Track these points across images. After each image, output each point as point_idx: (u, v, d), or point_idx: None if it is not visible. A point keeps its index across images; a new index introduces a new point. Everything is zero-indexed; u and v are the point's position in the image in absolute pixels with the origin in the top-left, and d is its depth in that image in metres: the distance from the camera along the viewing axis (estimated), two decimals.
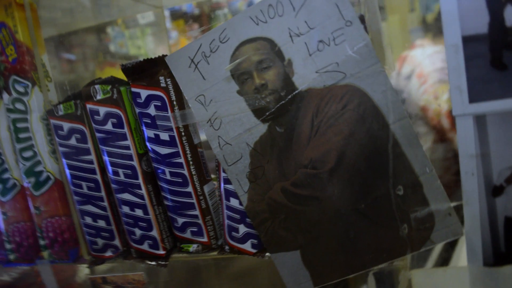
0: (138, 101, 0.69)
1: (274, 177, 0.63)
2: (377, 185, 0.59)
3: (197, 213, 0.70)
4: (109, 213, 0.76)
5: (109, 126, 0.71)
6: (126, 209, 0.72)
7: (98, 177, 0.74)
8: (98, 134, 0.72)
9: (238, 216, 0.68)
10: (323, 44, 0.58)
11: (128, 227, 0.74)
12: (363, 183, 0.59)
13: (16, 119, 0.77)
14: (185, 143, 0.68)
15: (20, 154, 0.77)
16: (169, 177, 0.69)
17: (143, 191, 0.71)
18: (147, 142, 0.70)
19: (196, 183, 0.69)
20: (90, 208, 0.75)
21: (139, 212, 0.72)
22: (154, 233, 0.72)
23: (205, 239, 0.71)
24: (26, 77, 0.76)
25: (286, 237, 0.64)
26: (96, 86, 0.70)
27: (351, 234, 0.61)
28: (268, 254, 0.67)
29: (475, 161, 0.56)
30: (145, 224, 0.72)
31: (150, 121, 0.68)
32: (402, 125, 0.57)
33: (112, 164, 0.72)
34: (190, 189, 0.69)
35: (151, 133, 0.69)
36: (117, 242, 0.77)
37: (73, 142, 0.74)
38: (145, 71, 0.68)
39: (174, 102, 0.67)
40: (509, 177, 0.56)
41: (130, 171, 0.71)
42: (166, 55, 0.66)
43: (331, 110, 0.59)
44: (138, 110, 0.69)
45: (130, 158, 0.71)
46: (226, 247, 0.70)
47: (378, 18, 0.60)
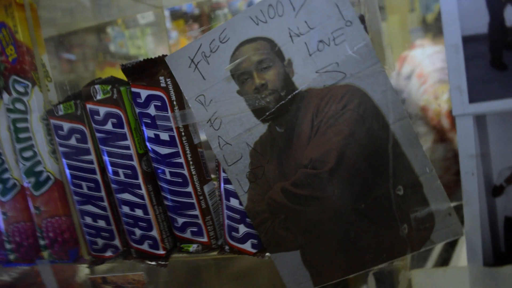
0: (138, 101, 0.69)
1: (274, 177, 0.63)
2: (377, 185, 0.59)
3: (197, 213, 0.70)
4: (109, 213, 0.76)
5: (109, 126, 0.71)
6: (126, 209, 0.72)
7: (98, 177, 0.74)
8: (98, 134, 0.72)
9: (238, 216, 0.68)
10: (323, 44, 0.58)
11: (128, 227, 0.74)
12: (363, 183, 0.59)
13: (16, 119, 0.77)
14: (185, 143, 0.68)
15: (20, 154, 0.77)
16: (169, 177, 0.69)
17: (143, 191, 0.71)
18: (147, 142, 0.70)
19: (196, 183, 0.69)
20: (90, 208, 0.75)
21: (139, 212, 0.72)
22: (154, 233, 0.72)
23: (205, 239, 0.71)
24: (26, 77, 0.76)
25: (286, 237, 0.64)
26: (96, 86, 0.70)
27: (351, 234, 0.61)
28: (268, 254, 0.67)
29: (475, 161, 0.56)
30: (145, 224, 0.72)
31: (150, 121, 0.68)
32: (402, 125, 0.57)
33: (112, 164, 0.72)
34: (190, 189, 0.69)
35: (151, 133, 0.69)
36: (117, 242, 0.77)
37: (73, 142, 0.74)
38: (145, 71, 0.68)
39: (174, 102, 0.67)
40: (509, 177, 0.56)
41: (130, 171, 0.71)
42: (166, 55, 0.66)
43: (331, 110, 0.59)
44: (138, 110, 0.69)
45: (130, 158, 0.71)
46: (226, 247, 0.70)
47: (378, 18, 0.60)
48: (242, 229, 0.68)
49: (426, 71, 1.49)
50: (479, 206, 0.56)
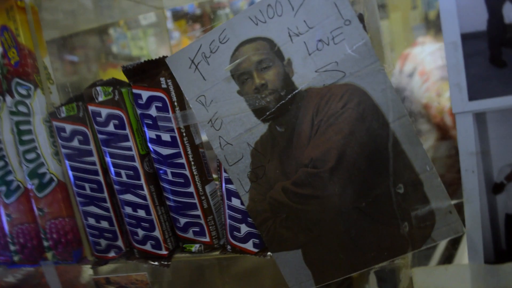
0: (140, 102, 0.69)
1: (275, 176, 0.63)
2: (377, 183, 0.59)
3: (199, 213, 0.70)
4: (112, 214, 0.76)
5: (111, 128, 0.71)
6: (129, 209, 0.73)
7: (101, 178, 0.75)
8: (100, 136, 0.72)
9: (240, 215, 0.68)
10: (322, 43, 0.58)
11: (130, 228, 0.74)
12: (364, 182, 0.59)
13: (19, 122, 0.77)
14: (186, 144, 0.69)
15: (23, 156, 0.78)
16: (171, 177, 0.70)
17: (145, 192, 0.72)
18: (149, 143, 0.70)
19: (197, 184, 0.70)
20: (93, 209, 0.76)
21: (142, 212, 0.72)
22: (157, 233, 0.73)
23: (207, 239, 0.72)
24: (29, 79, 0.76)
25: (287, 236, 0.64)
26: (97, 88, 0.71)
27: (352, 233, 0.61)
28: (269, 254, 0.67)
29: (475, 158, 0.56)
30: (147, 224, 0.73)
31: (151, 122, 0.69)
32: (402, 123, 0.57)
33: (114, 165, 0.72)
34: (191, 189, 0.70)
35: (153, 134, 0.69)
36: (120, 242, 0.77)
37: (75, 143, 0.74)
38: (146, 73, 0.68)
39: (175, 103, 0.68)
40: (509, 174, 0.56)
41: (132, 172, 0.71)
42: (167, 56, 0.66)
43: (331, 109, 0.59)
44: (139, 111, 0.69)
45: (132, 159, 0.71)
46: (228, 247, 0.70)
47: (376, 17, 0.60)
48: (244, 228, 0.68)
49: (428, 69, 1.48)
50: (480, 203, 0.56)
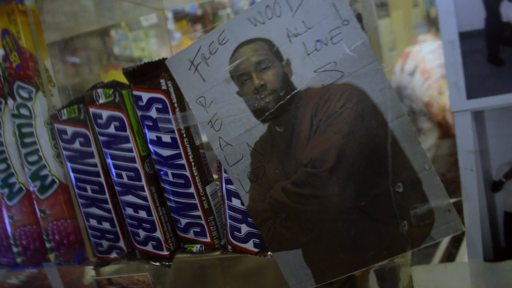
0: (140, 104, 0.69)
1: (275, 176, 0.64)
2: (376, 182, 0.59)
3: (199, 213, 0.71)
4: (113, 215, 0.76)
5: (112, 129, 0.71)
6: (130, 211, 0.73)
7: (102, 179, 0.75)
8: (101, 137, 0.72)
9: (240, 216, 0.68)
10: (321, 43, 0.58)
11: (132, 229, 0.74)
12: (363, 181, 0.60)
13: (21, 124, 0.78)
14: (186, 145, 0.69)
15: (25, 158, 0.78)
16: (171, 178, 0.70)
17: (146, 193, 0.72)
18: (150, 144, 0.70)
19: (198, 184, 0.70)
20: (95, 210, 0.76)
21: (143, 213, 0.73)
22: (158, 234, 0.73)
23: (208, 239, 0.72)
24: (30, 82, 0.76)
25: (287, 236, 0.64)
26: (98, 90, 0.71)
27: (352, 232, 0.61)
28: (270, 253, 0.67)
29: (474, 157, 0.56)
30: (148, 225, 0.73)
31: (152, 123, 0.69)
32: (401, 122, 0.57)
33: (115, 166, 0.72)
34: (192, 190, 0.70)
35: (153, 135, 0.69)
36: (121, 243, 0.78)
37: (77, 145, 0.74)
38: (146, 74, 0.68)
39: (175, 104, 0.68)
40: (508, 172, 0.56)
41: (133, 173, 0.72)
42: (166, 58, 0.66)
43: (330, 109, 0.59)
44: (140, 113, 0.70)
45: (133, 160, 0.71)
46: (229, 247, 0.71)
47: (374, 17, 0.60)
48: (244, 228, 0.68)
49: (429, 67, 1.48)
50: (479, 202, 0.56)
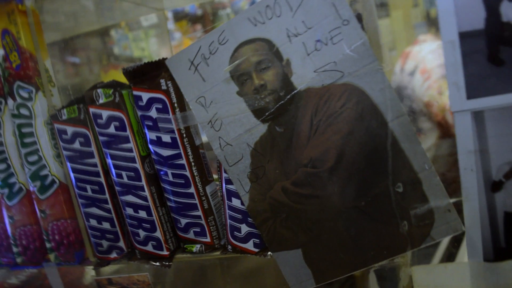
0: (140, 104, 0.69)
1: (275, 176, 0.64)
2: (376, 182, 0.59)
3: (199, 213, 0.71)
4: (113, 215, 0.76)
5: (112, 129, 0.71)
6: (130, 211, 0.73)
7: (102, 179, 0.75)
8: (101, 137, 0.72)
9: (240, 216, 0.68)
10: (321, 43, 0.58)
11: (132, 229, 0.74)
12: (363, 181, 0.60)
13: (21, 124, 0.78)
14: (186, 145, 0.69)
15: (25, 158, 0.78)
16: (171, 178, 0.70)
17: (146, 193, 0.72)
18: (150, 144, 0.70)
19: (198, 184, 0.70)
20: (95, 210, 0.76)
21: (143, 213, 0.73)
22: (158, 234, 0.73)
23: (208, 239, 0.72)
24: (30, 82, 0.77)
25: (287, 236, 0.64)
26: (98, 90, 0.71)
27: (352, 232, 0.61)
28: (270, 253, 0.67)
29: (474, 157, 0.56)
30: (148, 225, 0.73)
31: (152, 123, 0.69)
32: (401, 122, 0.57)
33: (115, 166, 0.72)
34: (192, 190, 0.70)
35: (153, 135, 0.70)
36: (121, 243, 0.78)
37: (77, 145, 0.75)
38: (146, 74, 0.68)
39: (175, 104, 0.68)
40: (508, 172, 0.56)
41: (133, 173, 0.72)
42: (166, 58, 0.66)
43: (330, 109, 0.59)
44: (140, 113, 0.70)
45: (133, 160, 0.71)
46: (229, 247, 0.71)
47: (374, 17, 0.60)
48: (244, 228, 0.68)
49: (429, 67, 1.48)
50: (479, 202, 0.56)
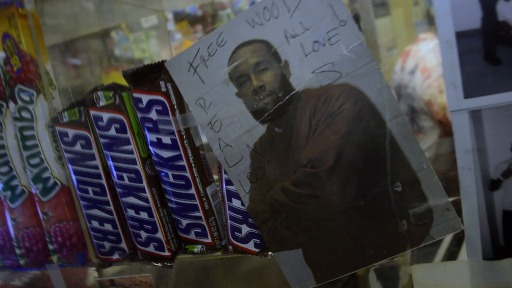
0: (140, 106, 0.70)
1: (275, 177, 0.64)
2: (375, 182, 0.59)
3: (200, 214, 0.71)
4: (115, 216, 0.77)
5: (112, 132, 0.72)
6: (132, 212, 0.74)
7: (103, 181, 0.76)
8: (102, 140, 0.73)
9: (241, 216, 0.69)
10: (319, 44, 0.59)
11: (134, 230, 0.75)
12: (362, 181, 0.60)
13: (22, 127, 0.78)
14: (186, 146, 0.69)
15: (27, 161, 0.79)
16: (172, 179, 0.71)
17: (147, 194, 0.73)
18: (150, 146, 0.71)
19: (198, 185, 0.70)
20: (97, 212, 0.77)
21: (144, 215, 0.73)
22: (159, 235, 0.74)
23: (209, 240, 0.72)
24: (31, 86, 0.77)
25: (287, 235, 0.65)
26: (98, 93, 0.71)
27: (351, 232, 0.62)
28: (270, 253, 0.67)
29: (472, 156, 0.56)
30: (150, 226, 0.74)
31: (152, 125, 0.70)
32: (399, 122, 0.57)
33: (116, 168, 0.73)
34: (193, 191, 0.70)
35: (154, 137, 0.70)
36: (123, 245, 0.78)
37: (78, 148, 0.75)
38: (145, 77, 0.69)
39: (175, 106, 0.68)
40: (505, 170, 0.56)
41: (134, 175, 0.72)
42: (166, 60, 0.67)
43: (328, 109, 0.60)
44: (140, 115, 0.70)
45: (133, 162, 0.72)
46: (230, 247, 0.71)
47: (372, 17, 0.60)
48: (245, 229, 0.69)
49: (430, 65, 1.48)
50: (477, 200, 0.57)
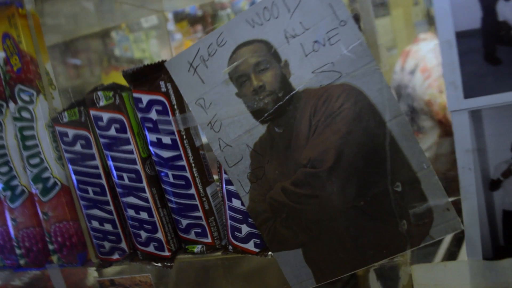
0: (140, 106, 0.70)
1: (275, 177, 0.64)
2: (375, 182, 0.59)
3: (200, 214, 0.71)
4: (115, 216, 0.77)
5: (112, 132, 0.72)
6: (132, 212, 0.74)
7: (103, 181, 0.76)
8: (102, 140, 0.73)
9: (241, 216, 0.69)
10: (319, 44, 0.59)
11: (134, 230, 0.75)
12: (362, 181, 0.60)
13: (22, 127, 0.78)
14: (186, 146, 0.69)
15: (27, 161, 0.79)
16: (172, 180, 0.71)
17: (148, 194, 0.73)
18: (150, 146, 0.71)
19: (198, 185, 0.70)
20: (97, 212, 0.77)
21: (144, 215, 0.73)
22: (159, 235, 0.74)
23: (209, 240, 0.72)
24: (31, 86, 0.77)
25: (287, 235, 0.65)
26: (98, 93, 0.71)
27: (351, 232, 0.62)
28: (270, 253, 0.67)
29: (472, 155, 0.56)
30: (150, 226, 0.74)
31: (152, 125, 0.70)
32: (399, 122, 0.57)
33: (116, 168, 0.73)
34: (193, 191, 0.70)
35: (154, 137, 0.70)
36: (123, 245, 0.78)
37: (78, 148, 0.75)
38: (145, 77, 0.69)
39: (175, 106, 0.68)
40: (505, 170, 0.56)
41: (134, 175, 0.72)
42: (166, 60, 0.67)
43: (328, 109, 0.60)
44: (140, 115, 0.70)
45: (133, 162, 0.72)
46: (230, 247, 0.71)
47: (372, 17, 0.60)
48: (245, 229, 0.69)
49: (430, 65, 1.48)
50: (477, 200, 0.57)
